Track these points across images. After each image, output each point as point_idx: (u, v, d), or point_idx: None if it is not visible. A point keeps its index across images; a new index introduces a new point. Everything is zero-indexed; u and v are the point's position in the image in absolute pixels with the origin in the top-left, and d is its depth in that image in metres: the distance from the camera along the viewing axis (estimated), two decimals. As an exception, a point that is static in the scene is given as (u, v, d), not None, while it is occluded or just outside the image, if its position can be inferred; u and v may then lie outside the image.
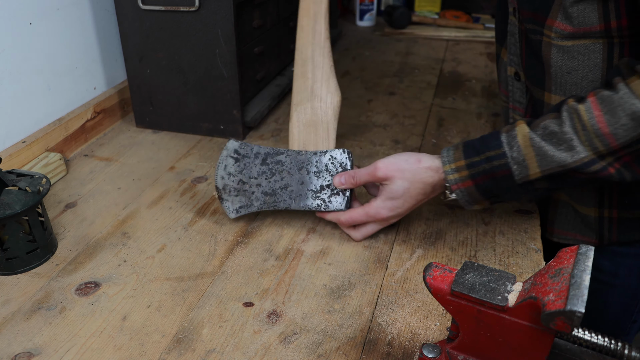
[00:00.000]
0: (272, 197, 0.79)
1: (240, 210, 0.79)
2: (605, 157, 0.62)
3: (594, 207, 0.78)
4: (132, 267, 0.73)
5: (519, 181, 0.66)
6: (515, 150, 0.65)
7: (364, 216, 0.74)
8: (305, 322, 0.64)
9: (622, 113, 0.59)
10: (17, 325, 0.63)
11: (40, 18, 0.95)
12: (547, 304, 0.40)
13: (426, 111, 1.20)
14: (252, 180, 0.79)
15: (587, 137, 0.61)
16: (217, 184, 0.78)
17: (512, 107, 0.87)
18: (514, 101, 0.85)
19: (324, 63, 0.79)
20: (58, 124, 0.99)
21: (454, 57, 1.56)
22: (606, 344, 0.45)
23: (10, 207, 0.68)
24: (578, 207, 0.80)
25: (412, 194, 0.72)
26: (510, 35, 0.81)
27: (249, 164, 0.78)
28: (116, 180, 0.93)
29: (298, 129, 0.81)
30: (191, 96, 1.05)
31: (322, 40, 0.79)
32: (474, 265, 0.49)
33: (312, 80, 0.80)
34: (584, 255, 0.44)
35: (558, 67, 0.71)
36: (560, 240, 0.84)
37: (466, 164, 0.68)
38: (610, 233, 0.79)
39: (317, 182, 0.78)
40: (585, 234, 0.81)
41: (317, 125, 0.80)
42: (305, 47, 0.79)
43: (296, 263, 0.74)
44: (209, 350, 0.60)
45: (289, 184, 0.78)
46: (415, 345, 0.61)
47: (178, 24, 0.99)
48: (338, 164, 0.78)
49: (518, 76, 0.83)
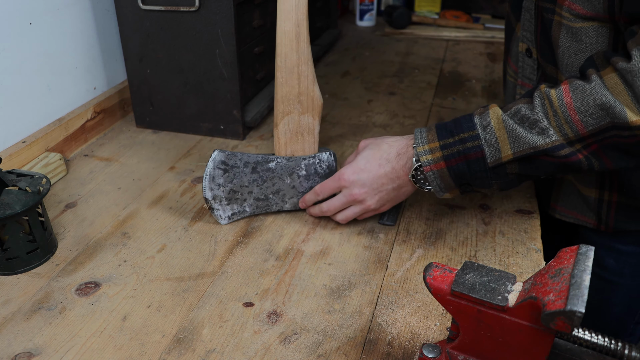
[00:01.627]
0: (265, 202, 0.81)
1: (233, 216, 0.81)
2: (574, 143, 0.63)
3: (595, 188, 0.79)
4: (132, 267, 0.73)
5: (492, 164, 0.67)
6: (488, 133, 0.66)
7: (332, 180, 0.78)
8: (305, 322, 0.64)
9: (592, 102, 0.61)
10: (17, 325, 0.63)
11: (40, 18, 0.95)
12: (547, 304, 0.40)
13: (426, 111, 1.20)
14: (244, 189, 0.80)
15: (558, 123, 0.63)
16: (205, 196, 0.78)
17: (520, 84, 0.86)
18: (524, 77, 0.85)
19: (308, 72, 0.79)
20: (58, 124, 0.99)
21: (454, 57, 1.56)
22: (606, 344, 0.45)
23: (10, 207, 0.68)
24: (580, 187, 0.80)
25: (375, 156, 0.75)
26: (526, 11, 0.80)
27: (239, 174, 0.79)
28: (116, 180, 0.93)
29: (285, 137, 0.82)
30: (191, 96, 1.05)
31: (305, 48, 0.78)
32: (474, 265, 0.49)
33: (299, 90, 0.79)
34: (584, 255, 0.44)
35: (565, 49, 0.71)
36: (562, 217, 0.85)
37: (440, 145, 0.69)
38: (608, 218, 0.80)
39: (307, 184, 0.82)
40: (585, 214, 0.82)
41: (303, 133, 0.82)
42: (289, 55, 0.78)
43: (296, 263, 0.74)
44: (209, 351, 0.60)
45: (281, 188, 0.81)
46: (415, 345, 0.61)
47: (178, 24, 0.99)
48: (325, 166, 0.82)
49: (530, 52, 0.82)
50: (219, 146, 1.05)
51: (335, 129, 1.11)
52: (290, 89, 0.79)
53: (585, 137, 0.62)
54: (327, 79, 1.38)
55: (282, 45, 0.77)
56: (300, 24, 0.77)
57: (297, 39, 0.77)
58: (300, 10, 0.76)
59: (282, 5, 0.76)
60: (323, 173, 0.83)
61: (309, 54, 0.78)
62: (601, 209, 0.80)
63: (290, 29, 0.76)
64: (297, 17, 0.76)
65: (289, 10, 0.76)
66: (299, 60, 0.78)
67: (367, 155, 0.76)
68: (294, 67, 0.78)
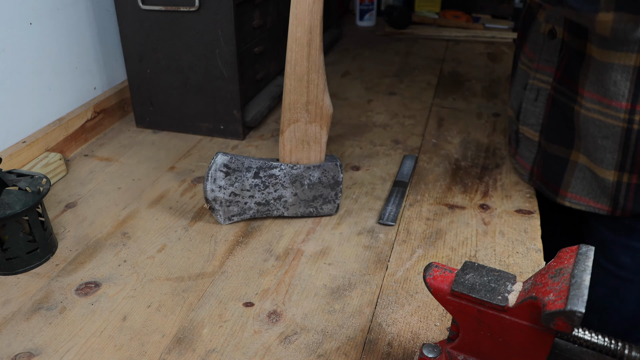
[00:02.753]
0: (266, 207, 0.81)
1: (233, 218, 0.81)
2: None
3: (614, 169, 0.77)
4: (132, 267, 0.73)
5: None
6: None
7: None
8: (305, 322, 0.64)
9: None
10: (17, 325, 0.63)
11: (40, 18, 0.95)
12: (548, 304, 0.40)
13: (426, 111, 1.20)
14: (245, 192, 0.79)
15: None
16: (207, 196, 0.78)
17: (536, 67, 0.86)
18: (543, 60, 0.84)
19: (319, 81, 0.76)
20: (58, 124, 0.99)
21: (454, 57, 1.56)
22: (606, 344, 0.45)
23: (10, 207, 0.68)
24: (597, 169, 0.79)
25: None
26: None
27: (240, 177, 0.78)
28: (116, 180, 0.93)
29: (290, 145, 0.79)
30: (191, 96, 1.05)
31: (317, 56, 0.74)
32: (474, 265, 0.49)
33: (307, 98, 0.77)
34: (584, 255, 0.44)
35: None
36: (572, 204, 0.83)
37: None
38: (626, 201, 0.78)
39: (310, 193, 0.80)
40: (599, 200, 0.80)
41: (310, 142, 0.79)
42: (300, 62, 0.74)
43: (296, 263, 0.74)
44: (209, 350, 0.60)
45: (283, 195, 0.80)
46: (415, 345, 0.61)
47: (178, 24, 0.99)
48: (331, 177, 0.80)
49: (553, 34, 0.82)
50: (219, 146, 1.05)
51: (335, 129, 1.11)
52: (298, 97, 0.76)
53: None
54: (327, 78, 1.38)
55: (293, 51, 0.74)
56: (313, 30, 0.72)
57: (308, 46, 0.73)
58: (314, 15, 0.72)
59: (295, 9, 0.72)
60: (328, 183, 0.80)
61: (320, 62, 0.75)
62: (619, 193, 0.78)
63: (302, 35, 0.72)
64: (311, 22, 0.72)
65: (302, 15, 0.72)
66: (310, 68, 0.74)
67: None
68: (304, 75, 0.75)
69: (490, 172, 0.95)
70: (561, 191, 0.84)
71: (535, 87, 0.87)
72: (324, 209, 0.82)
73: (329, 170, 0.80)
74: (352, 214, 0.84)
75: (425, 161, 0.99)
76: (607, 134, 0.75)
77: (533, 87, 0.87)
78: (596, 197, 0.81)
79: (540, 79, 0.85)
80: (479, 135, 1.08)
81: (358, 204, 0.86)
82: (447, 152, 1.02)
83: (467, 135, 1.08)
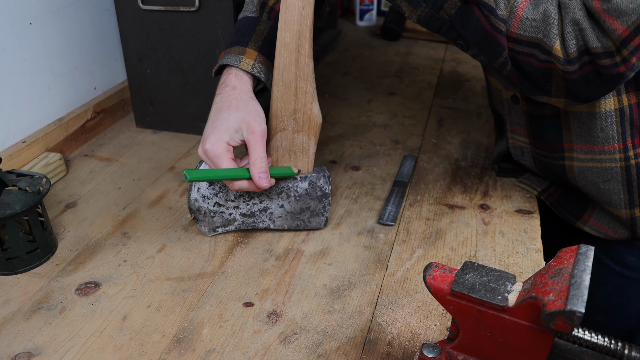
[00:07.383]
0: (251, 219, 0.78)
1: (218, 229, 0.79)
2: (506, 31, 0.63)
3: (624, 208, 0.78)
4: (132, 267, 0.73)
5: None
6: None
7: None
8: (305, 322, 0.64)
9: (542, 9, 0.61)
10: (17, 325, 0.63)
11: (40, 18, 0.95)
12: (547, 304, 0.40)
13: (426, 111, 1.20)
14: (230, 203, 0.77)
15: (505, 4, 0.63)
16: (190, 206, 0.76)
17: (510, 129, 0.85)
18: (514, 123, 0.84)
19: (307, 88, 0.72)
20: (58, 124, 0.99)
21: (454, 57, 1.56)
22: (606, 344, 0.45)
23: (10, 207, 0.68)
24: (609, 208, 0.80)
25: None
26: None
27: (224, 187, 0.76)
28: (116, 180, 0.93)
29: (277, 154, 0.76)
30: (191, 96, 1.05)
31: (306, 62, 0.71)
32: (474, 265, 0.49)
33: (295, 107, 0.73)
34: (584, 255, 0.44)
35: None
36: (592, 231, 0.83)
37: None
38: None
39: (297, 205, 0.77)
40: (617, 231, 0.81)
41: (297, 152, 0.76)
42: (287, 69, 0.71)
43: (296, 263, 0.74)
44: (209, 350, 0.60)
45: (269, 206, 0.77)
46: (415, 345, 0.61)
47: (178, 24, 0.99)
48: (318, 189, 0.77)
49: (517, 98, 0.81)
50: (219, 146, 1.04)
51: (335, 129, 1.11)
52: (285, 104, 0.72)
53: (512, 37, 0.63)
54: (327, 79, 1.38)
55: (281, 57, 0.70)
56: (302, 35, 0.69)
57: (297, 52, 0.70)
58: (304, 21, 0.69)
59: (284, 14, 0.69)
60: (315, 195, 0.77)
61: (309, 69, 0.71)
62: (635, 225, 0.79)
63: (290, 40, 0.69)
64: (300, 28, 0.69)
65: (291, 20, 0.69)
66: (298, 75, 0.71)
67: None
68: (292, 82, 0.71)
69: (490, 172, 0.95)
70: (585, 216, 0.84)
71: (517, 146, 0.87)
72: (311, 222, 0.79)
73: (316, 182, 0.77)
74: (352, 214, 0.84)
75: (425, 161, 0.99)
76: (607, 178, 0.76)
77: (515, 146, 0.87)
78: (614, 228, 0.82)
79: (518, 139, 0.85)
80: (479, 135, 1.08)
81: (358, 204, 0.86)
82: (447, 152, 1.02)
83: (467, 135, 1.08)
